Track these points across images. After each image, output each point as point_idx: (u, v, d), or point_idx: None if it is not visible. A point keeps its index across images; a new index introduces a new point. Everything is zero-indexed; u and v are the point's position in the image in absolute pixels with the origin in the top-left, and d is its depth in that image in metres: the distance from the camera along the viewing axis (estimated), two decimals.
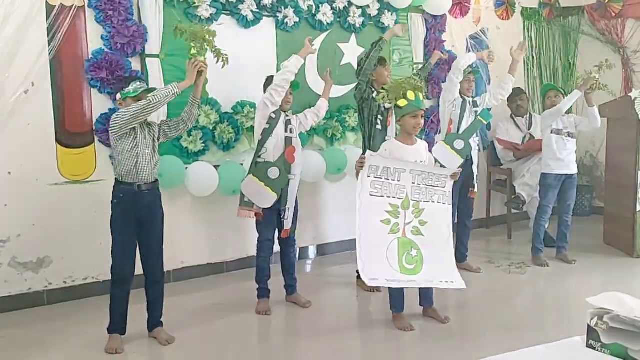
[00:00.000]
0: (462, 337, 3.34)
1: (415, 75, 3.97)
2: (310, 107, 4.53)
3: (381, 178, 3.10)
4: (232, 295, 3.95)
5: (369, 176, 3.08)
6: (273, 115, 3.50)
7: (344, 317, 3.58)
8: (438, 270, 3.19)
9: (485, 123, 4.35)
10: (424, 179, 3.20)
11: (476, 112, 4.31)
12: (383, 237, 3.09)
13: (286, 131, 3.54)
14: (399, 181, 3.13)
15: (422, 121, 3.26)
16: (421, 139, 4.96)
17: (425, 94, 5.05)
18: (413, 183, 3.17)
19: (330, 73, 3.94)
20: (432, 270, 3.16)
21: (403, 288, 3.35)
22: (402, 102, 3.19)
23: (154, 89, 3.08)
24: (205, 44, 3.05)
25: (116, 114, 3.01)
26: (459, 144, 4.11)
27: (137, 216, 3.05)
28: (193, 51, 3.04)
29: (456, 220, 4.46)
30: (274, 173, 3.45)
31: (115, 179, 3.08)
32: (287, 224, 3.60)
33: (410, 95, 3.18)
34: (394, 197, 3.13)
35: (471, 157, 4.28)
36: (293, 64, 3.49)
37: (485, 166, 5.61)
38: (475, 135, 4.27)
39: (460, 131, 4.22)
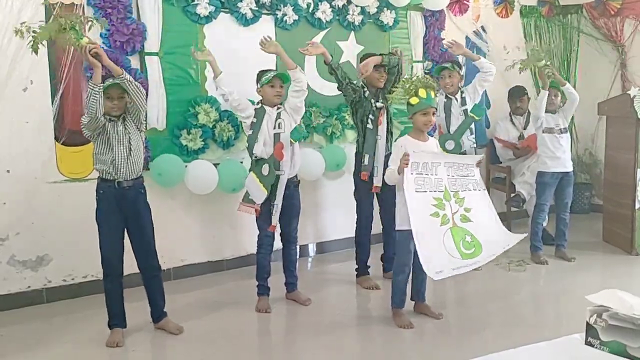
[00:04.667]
0: (461, 334, 3.34)
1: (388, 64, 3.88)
2: (310, 106, 4.56)
3: (422, 174, 3.16)
4: (232, 293, 3.96)
5: (412, 173, 3.12)
6: (254, 120, 3.51)
7: (344, 315, 3.58)
8: (496, 243, 3.27)
9: (477, 119, 4.22)
10: (455, 170, 3.29)
11: (465, 110, 4.19)
12: (436, 230, 3.14)
13: (275, 127, 3.53)
14: (436, 175, 3.21)
15: (434, 118, 3.31)
16: None
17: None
18: (448, 175, 3.25)
19: (267, 39, 3.69)
20: (491, 246, 3.24)
21: (406, 285, 3.38)
22: (413, 100, 3.23)
23: (118, 84, 3.03)
24: (71, 26, 2.92)
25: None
26: (450, 145, 4.10)
27: (120, 212, 3.09)
28: (72, 42, 2.94)
29: None
30: (265, 169, 3.49)
31: (98, 175, 3.12)
32: (274, 220, 3.58)
33: (422, 92, 3.21)
34: (436, 191, 3.20)
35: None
36: (219, 81, 3.52)
37: (484, 164, 5.61)
38: (469, 133, 4.20)
39: (452, 131, 4.18)
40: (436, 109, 3.35)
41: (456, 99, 4.23)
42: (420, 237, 3.08)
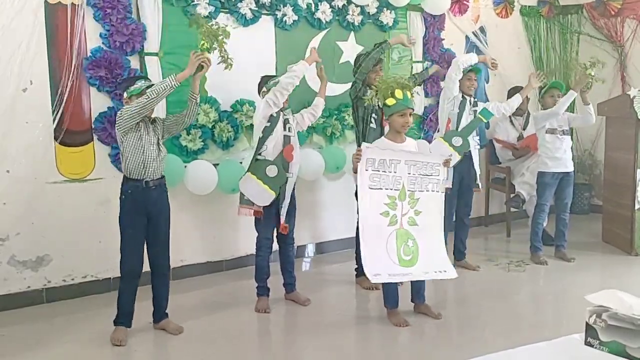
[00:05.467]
0: (460, 334, 3.35)
1: (410, 79, 3.97)
2: (308, 106, 4.56)
3: (378, 170, 3.11)
4: (231, 294, 3.96)
5: (367, 169, 3.08)
6: (274, 114, 3.51)
7: (343, 315, 3.59)
8: (432, 259, 3.22)
9: (485, 121, 4.34)
10: (418, 168, 3.21)
11: (475, 111, 4.27)
12: (383, 230, 3.10)
13: (284, 129, 3.55)
14: (395, 172, 3.14)
15: (411, 119, 3.28)
16: (419, 137, 5.01)
17: (420, 93, 5.06)
18: (409, 173, 3.18)
19: (322, 70, 3.86)
20: (427, 261, 3.19)
21: (397, 284, 3.37)
22: (390, 101, 3.21)
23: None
24: (217, 43, 3.12)
25: (120, 110, 3.09)
26: (457, 141, 4.12)
27: (145, 211, 3.12)
28: (204, 45, 3.11)
29: (454, 219, 4.47)
30: (272, 171, 3.46)
31: (124, 175, 3.14)
32: (283, 219, 3.60)
33: (399, 93, 3.19)
34: (391, 189, 3.14)
35: (470, 154, 4.26)
36: (300, 69, 3.51)
37: (484, 164, 5.61)
38: (475, 133, 4.26)
39: (459, 129, 4.22)
40: (413, 110, 3.32)
41: (470, 101, 4.29)
42: (367, 235, 3.04)
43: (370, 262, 3.03)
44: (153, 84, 3.17)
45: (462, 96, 4.29)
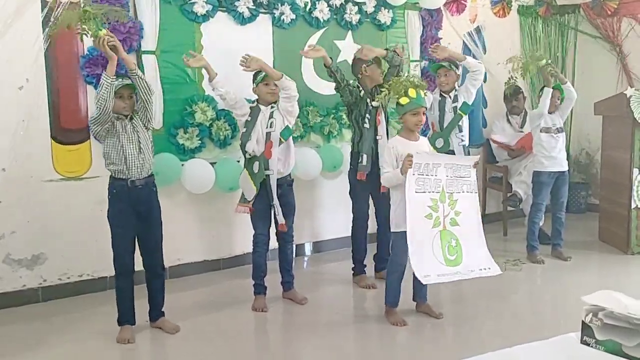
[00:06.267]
0: (457, 333, 3.35)
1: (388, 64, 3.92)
2: (307, 105, 4.57)
3: (423, 174, 3.15)
4: (228, 292, 3.95)
5: (413, 174, 3.12)
6: (249, 118, 3.54)
7: (340, 314, 3.58)
8: (475, 257, 3.29)
9: (465, 115, 4.22)
10: (454, 171, 3.27)
11: (455, 107, 4.17)
12: (428, 232, 3.15)
13: (267, 126, 3.54)
14: (436, 175, 3.20)
15: (424, 118, 3.32)
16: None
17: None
18: (447, 176, 3.24)
19: (247, 57, 3.60)
20: (471, 259, 3.26)
21: (400, 284, 3.37)
22: (403, 100, 3.23)
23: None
24: (92, 19, 2.90)
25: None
26: (439, 142, 4.13)
27: (132, 210, 3.10)
28: (90, 31, 2.93)
29: None
30: (256, 167, 3.52)
31: (110, 175, 3.13)
32: (280, 219, 3.61)
33: (412, 92, 3.21)
34: (433, 192, 3.19)
35: (454, 153, 4.13)
36: (216, 86, 3.53)
37: (481, 164, 5.61)
38: (457, 130, 4.17)
39: (444, 129, 4.18)
40: (426, 109, 3.34)
41: (449, 97, 4.21)
42: (414, 239, 3.09)
43: (420, 263, 3.08)
44: (129, 84, 3.07)
45: (441, 95, 4.22)
